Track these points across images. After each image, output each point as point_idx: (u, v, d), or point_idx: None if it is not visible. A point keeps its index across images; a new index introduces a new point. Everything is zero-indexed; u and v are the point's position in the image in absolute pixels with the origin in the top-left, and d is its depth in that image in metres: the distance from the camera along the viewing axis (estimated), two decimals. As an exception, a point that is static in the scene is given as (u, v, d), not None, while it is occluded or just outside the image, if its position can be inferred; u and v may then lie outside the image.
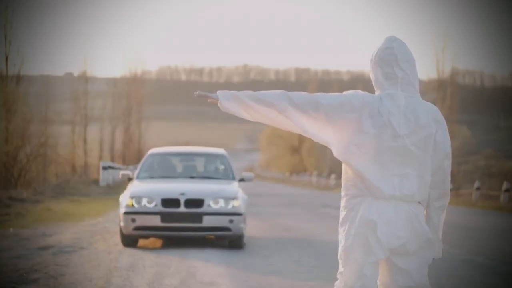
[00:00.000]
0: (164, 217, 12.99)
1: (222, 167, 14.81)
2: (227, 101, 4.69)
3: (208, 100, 4.78)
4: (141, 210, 13.04)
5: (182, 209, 13.00)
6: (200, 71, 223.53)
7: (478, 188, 27.60)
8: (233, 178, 14.41)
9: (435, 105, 4.74)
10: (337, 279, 4.73)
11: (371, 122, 4.57)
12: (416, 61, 4.73)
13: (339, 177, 45.49)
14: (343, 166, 4.70)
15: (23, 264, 11.36)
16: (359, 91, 4.64)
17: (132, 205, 13.06)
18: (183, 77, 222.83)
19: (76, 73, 43.38)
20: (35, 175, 32.95)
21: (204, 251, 12.82)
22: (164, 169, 14.81)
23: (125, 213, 13.06)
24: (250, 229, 16.82)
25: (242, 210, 13.17)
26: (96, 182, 34.67)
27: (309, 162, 77.21)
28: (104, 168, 33.72)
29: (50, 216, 19.40)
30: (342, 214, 4.69)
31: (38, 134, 33.83)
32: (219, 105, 4.71)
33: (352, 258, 4.59)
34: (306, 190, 44.11)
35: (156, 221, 12.99)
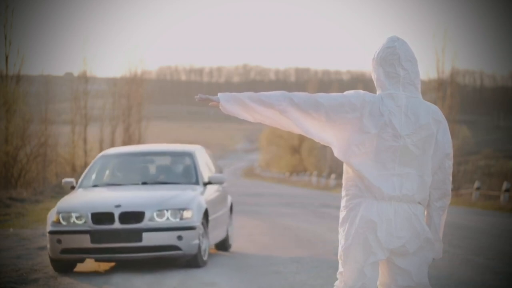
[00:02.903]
0: (94, 236, 10.56)
1: (186, 168, 12.28)
2: (228, 103, 4.69)
3: (209, 104, 4.78)
4: (68, 228, 10.66)
5: (116, 225, 10.58)
6: (200, 71, 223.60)
7: (478, 188, 27.58)
8: (196, 182, 11.86)
9: (435, 105, 4.74)
10: (337, 279, 4.73)
11: (372, 122, 4.57)
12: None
13: (339, 177, 45.49)
14: (344, 166, 4.70)
15: (23, 264, 11.36)
16: (360, 91, 4.64)
17: (59, 222, 10.73)
18: (183, 77, 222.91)
19: (76, 73, 43.34)
20: (35, 175, 32.94)
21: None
22: (113, 174, 12.32)
23: (50, 232, 10.72)
24: (250, 228, 16.81)
25: (195, 223, 10.80)
26: (96, 182, 34.63)
27: (309, 162, 77.19)
28: (104, 168, 33.70)
29: (50, 216, 19.39)
30: (342, 214, 4.70)
31: (38, 134, 33.83)
32: (220, 107, 4.70)
33: (352, 258, 4.59)
34: (306, 190, 44.11)
35: (85, 241, 10.58)
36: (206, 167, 12.56)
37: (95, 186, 11.93)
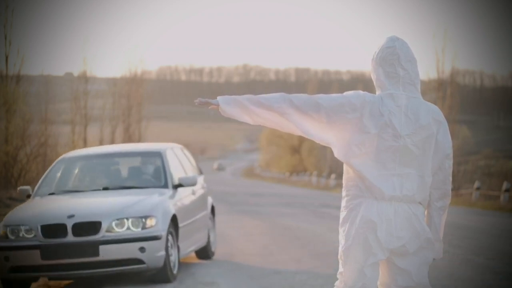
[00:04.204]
0: (45, 251, 9.26)
1: (153, 170, 11.03)
2: (228, 106, 4.68)
3: (209, 107, 4.78)
4: (16, 244, 9.36)
5: (69, 238, 9.28)
6: (200, 71, 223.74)
7: (478, 188, 27.56)
8: (165, 185, 10.58)
9: (435, 105, 4.74)
10: (337, 279, 4.73)
11: (372, 122, 4.57)
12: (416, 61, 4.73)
13: (339, 177, 45.47)
14: (345, 166, 4.70)
15: (23, 264, 11.33)
16: (360, 91, 4.64)
17: (7, 237, 9.43)
18: (183, 77, 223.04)
19: (76, 73, 43.34)
20: (35, 175, 32.90)
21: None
22: (72, 179, 11.00)
23: None
24: (250, 228, 16.81)
25: (160, 232, 9.54)
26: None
27: (309, 162, 77.18)
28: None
29: (50, 216, 19.37)
30: (342, 214, 4.70)
31: (38, 134, 33.82)
32: (220, 110, 4.69)
33: (352, 258, 4.59)
34: (306, 190, 44.11)
35: (35, 258, 9.29)
36: (180, 167, 11.35)
37: (51, 194, 10.60)
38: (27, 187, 10.72)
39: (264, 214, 21.31)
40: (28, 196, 10.69)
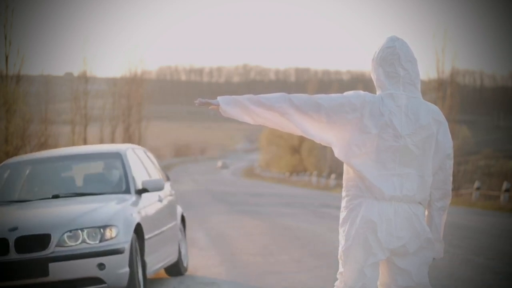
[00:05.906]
0: None
1: (113, 174, 9.48)
2: (228, 106, 4.68)
3: (209, 108, 4.77)
4: None
5: (12, 255, 7.69)
6: (200, 71, 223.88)
7: (478, 188, 27.55)
8: (127, 190, 9.00)
9: (435, 105, 4.74)
10: (337, 279, 4.73)
11: (373, 122, 4.57)
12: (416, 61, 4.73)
13: (339, 177, 45.46)
14: (345, 166, 4.70)
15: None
16: (360, 91, 4.64)
17: None
18: (183, 77, 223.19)
19: (76, 73, 43.37)
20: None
21: (204, 250, 12.81)
22: (18, 188, 9.42)
23: None
24: (250, 228, 16.80)
25: (122, 244, 7.95)
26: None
27: (309, 162, 77.17)
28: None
29: (50, 216, 19.36)
30: (342, 214, 4.70)
31: (38, 134, 33.83)
32: (220, 110, 4.69)
33: (352, 258, 4.60)
34: (306, 190, 44.11)
35: None
36: (143, 171, 9.81)
37: None
38: None
39: (264, 214, 21.31)
40: None
